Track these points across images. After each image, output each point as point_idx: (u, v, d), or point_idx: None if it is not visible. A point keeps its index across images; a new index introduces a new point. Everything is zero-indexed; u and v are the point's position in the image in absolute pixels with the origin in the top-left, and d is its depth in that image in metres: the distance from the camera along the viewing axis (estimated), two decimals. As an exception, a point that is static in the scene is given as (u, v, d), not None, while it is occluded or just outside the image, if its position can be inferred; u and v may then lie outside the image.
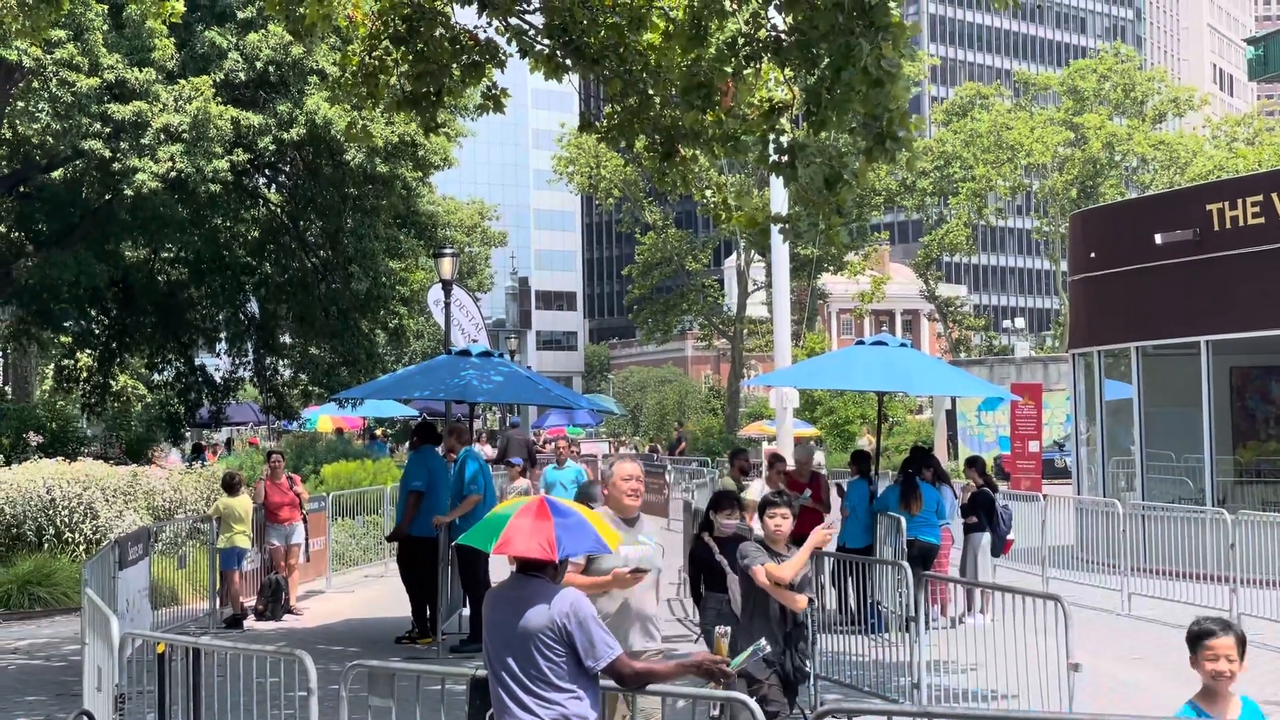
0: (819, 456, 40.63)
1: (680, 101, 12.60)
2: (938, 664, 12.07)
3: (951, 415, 50.93)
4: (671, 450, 51.51)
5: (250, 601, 18.01)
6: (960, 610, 16.41)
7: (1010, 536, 18.29)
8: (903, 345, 16.56)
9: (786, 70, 12.07)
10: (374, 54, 13.46)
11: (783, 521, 9.11)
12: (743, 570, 9.04)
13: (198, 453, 35.99)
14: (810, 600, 9.26)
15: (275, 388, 33.65)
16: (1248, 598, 16.51)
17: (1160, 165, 76.26)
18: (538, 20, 13.44)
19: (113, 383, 33.85)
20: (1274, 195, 20.65)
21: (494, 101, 14.26)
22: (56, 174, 28.30)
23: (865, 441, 49.05)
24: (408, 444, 24.09)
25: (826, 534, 9.55)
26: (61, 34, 23.89)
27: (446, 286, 30.24)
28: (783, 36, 11.62)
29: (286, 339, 33.80)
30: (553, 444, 25.99)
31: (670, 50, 12.44)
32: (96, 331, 33.18)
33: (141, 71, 25.19)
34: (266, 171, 30.65)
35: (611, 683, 6.06)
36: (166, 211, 26.83)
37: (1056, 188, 75.47)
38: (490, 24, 13.63)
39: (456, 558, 15.09)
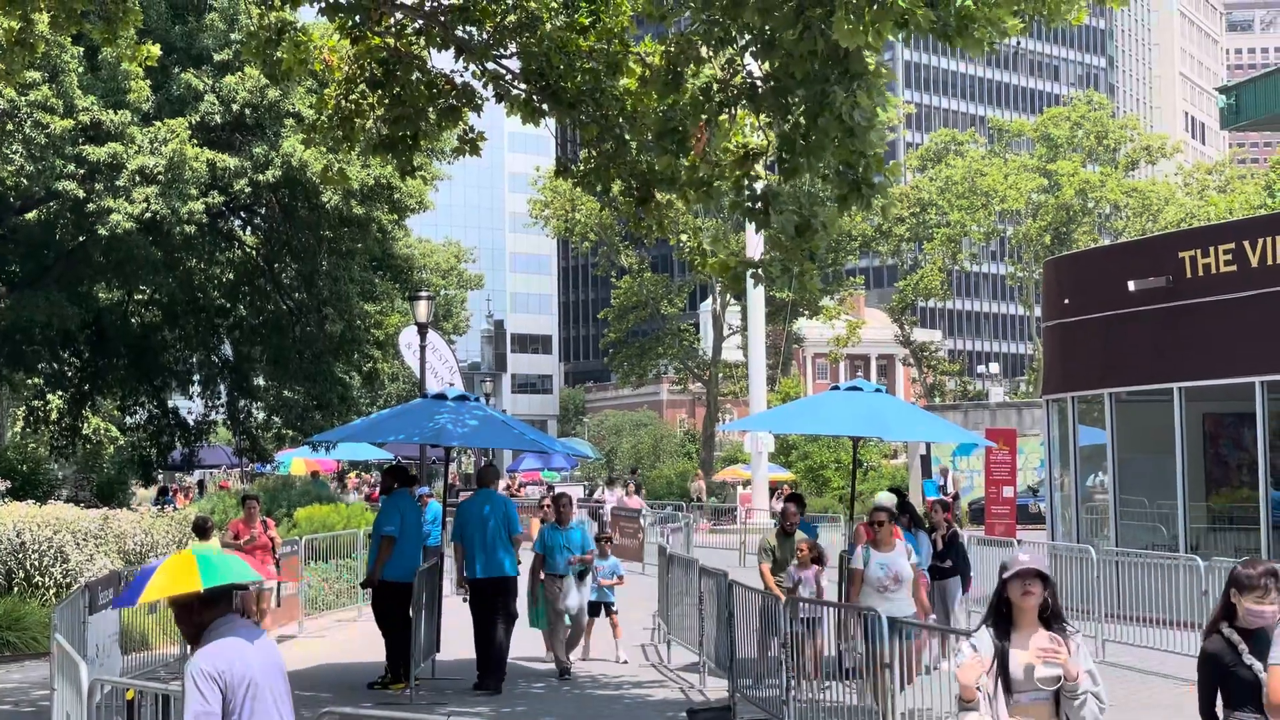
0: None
1: (654, 146, 12.64)
2: (913, 713, 12.00)
3: (926, 460, 50.95)
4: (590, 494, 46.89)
5: (221, 647, 17.82)
6: (934, 657, 16.32)
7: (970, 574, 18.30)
8: (877, 390, 16.58)
9: (761, 116, 12.12)
10: (350, 98, 13.50)
11: None
12: None
13: (163, 495, 35.74)
14: None
15: (248, 430, 33.53)
16: (1222, 644, 16.43)
17: (1133, 212, 76.86)
18: (514, 65, 13.49)
19: (83, 425, 33.67)
20: (1246, 243, 20.77)
21: (470, 145, 14.33)
22: (30, 215, 28.23)
23: (697, 485, 48.62)
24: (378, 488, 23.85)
25: None
26: (36, 75, 23.87)
27: (422, 329, 30.21)
28: (758, 84, 11.67)
29: (260, 381, 33.72)
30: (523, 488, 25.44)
31: (646, 96, 12.49)
32: (68, 374, 33.03)
33: (117, 113, 25.17)
34: (242, 214, 30.64)
35: None
36: (140, 253, 26.77)
37: (1030, 234, 75.96)
38: (467, 68, 13.69)
39: (437, 602, 14.97)
